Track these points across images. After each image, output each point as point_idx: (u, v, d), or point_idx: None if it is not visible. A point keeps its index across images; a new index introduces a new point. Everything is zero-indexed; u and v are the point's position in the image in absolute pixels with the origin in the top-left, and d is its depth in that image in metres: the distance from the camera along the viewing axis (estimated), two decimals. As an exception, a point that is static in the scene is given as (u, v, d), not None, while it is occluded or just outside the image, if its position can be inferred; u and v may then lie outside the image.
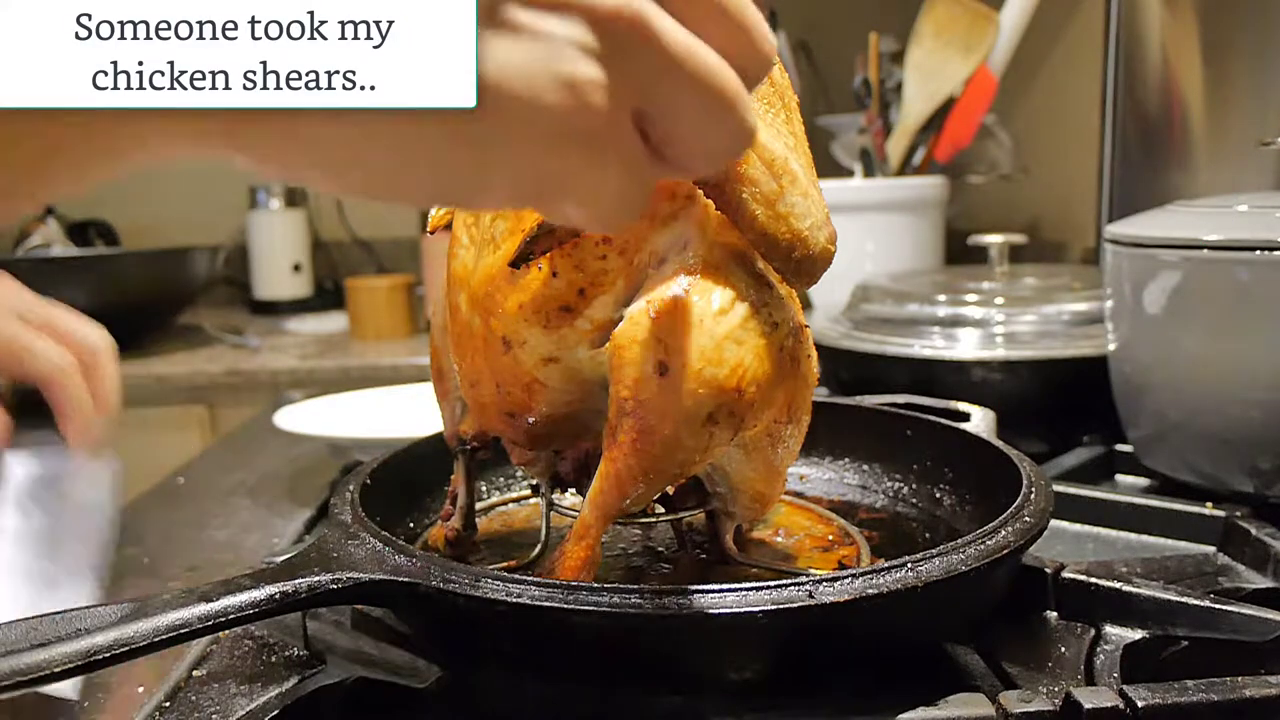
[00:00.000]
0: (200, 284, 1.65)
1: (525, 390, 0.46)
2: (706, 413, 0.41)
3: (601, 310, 0.43)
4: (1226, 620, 0.44)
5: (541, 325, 0.43)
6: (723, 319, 0.42)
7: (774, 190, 0.40)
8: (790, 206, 0.40)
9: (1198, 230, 0.61)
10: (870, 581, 0.38)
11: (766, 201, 0.40)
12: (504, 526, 0.60)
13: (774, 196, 0.40)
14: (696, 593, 0.37)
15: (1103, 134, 1.05)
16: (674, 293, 0.42)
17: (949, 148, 1.22)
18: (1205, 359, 0.62)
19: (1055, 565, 0.48)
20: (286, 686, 0.43)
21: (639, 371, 0.41)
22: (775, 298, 0.44)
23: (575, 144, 0.29)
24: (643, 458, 0.42)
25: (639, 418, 0.41)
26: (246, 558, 0.64)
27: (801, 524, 0.58)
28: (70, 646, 0.33)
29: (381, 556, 0.41)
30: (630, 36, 0.28)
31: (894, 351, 0.83)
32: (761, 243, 0.41)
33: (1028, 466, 0.51)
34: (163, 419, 1.40)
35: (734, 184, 0.40)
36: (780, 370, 0.43)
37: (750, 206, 0.40)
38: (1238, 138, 0.86)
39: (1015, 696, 0.38)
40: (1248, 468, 0.61)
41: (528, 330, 0.44)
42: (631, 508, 0.44)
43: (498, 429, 0.50)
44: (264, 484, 0.80)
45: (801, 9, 1.59)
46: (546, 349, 0.44)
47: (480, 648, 0.42)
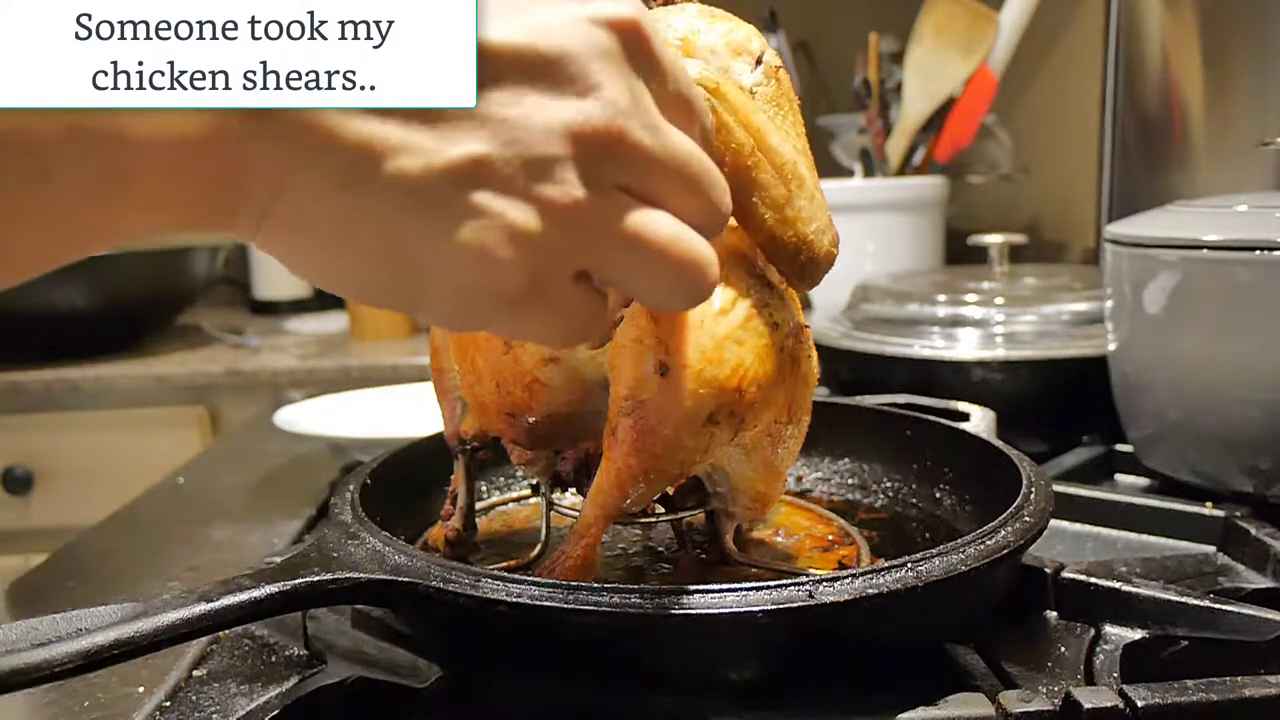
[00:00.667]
0: (200, 284, 1.65)
1: (525, 390, 0.46)
2: (707, 413, 0.41)
3: (602, 310, 0.43)
4: (1226, 620, 0.44)
5: None
6: (723, 319, 0.42)
7: (783, 195, 0.40)
8: (798, 211, 0.41)
9: (1198, 230, 0.61)
10: (870, 581, 0.38)
11: (775, 206, 0.40)
12: (504, 526, 0.60)
13: (783, 201, 0.40)
14: (696, 593, 0.37)
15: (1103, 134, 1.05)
16: None
17: (949, 148, 1.21)
18: (1205, 359, 0.62)
19: (1055, 565, 0.48)
20: (286, 686, 0.43)
21: (639, 371, 0.41)
22: (776, 298, 0.44)
23: (496, 304, 0.29)
24: (643, 457, 0.42)
25: (639, 418, 0.41)
26: (246, 558, 0.63)
27: (801, 524, 0.58)
28: (70, 646, 0.33)
29: (381, 556, 0.41)
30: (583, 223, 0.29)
31: (894, 351, 0.83)
32: (768, 246, 0.41)
33: (1028, 466, 0.51)
34: (163, 419, 1.39)
35: (744, 188, 0.40)
36: (781, 370, 0.43)
37: (759, 211, 0.40)
38: (1238, 138, 0.86)
39: (1015, 696, 0.38)
40: (1248, 468, 0.61)
41: None
42: (632, 508, 0.44)
43: (498, 429, 0.50)
44: (264, 484, 0.80)
45: (801, 9, 1.59)
46: (547, 349, 0.44)
47: (480, 648, 0.42)
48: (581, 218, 0.28)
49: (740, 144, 0.39)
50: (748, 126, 0.39)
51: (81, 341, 1.45)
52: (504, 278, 0.28)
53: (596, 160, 0.28)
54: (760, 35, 0.43)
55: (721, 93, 0.38)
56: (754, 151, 0.39)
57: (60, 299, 1.40)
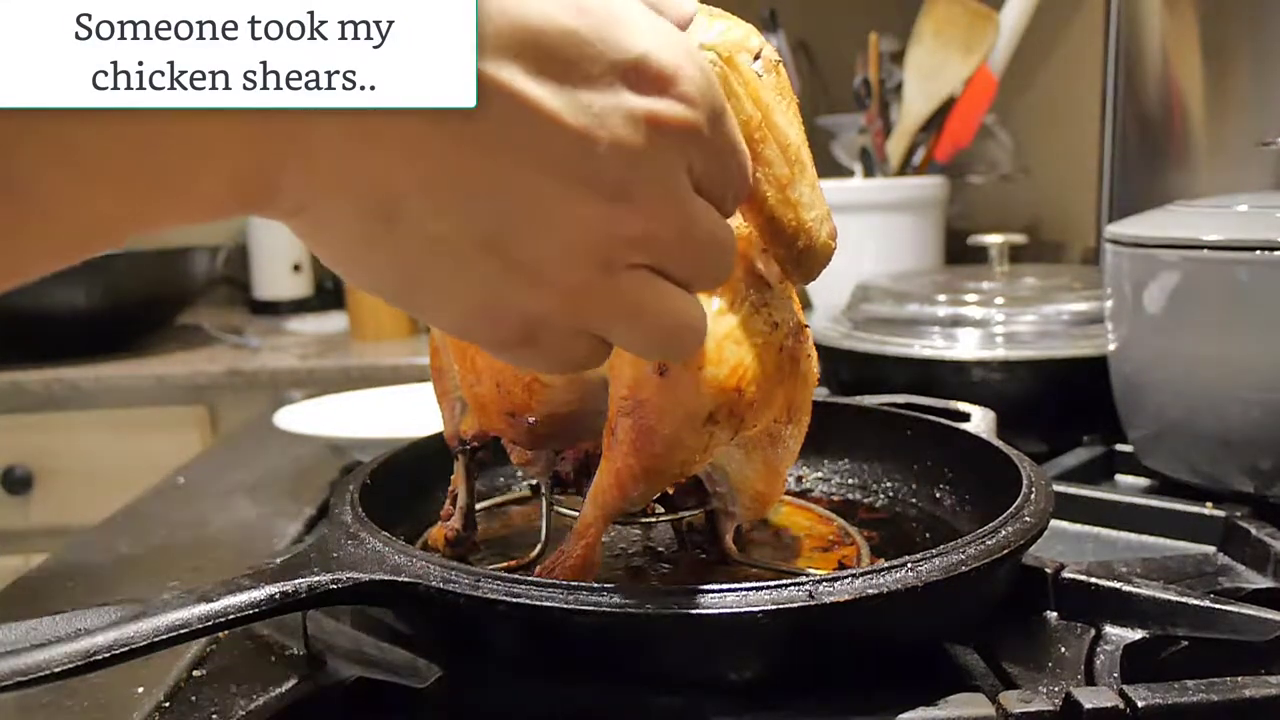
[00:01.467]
0: (200, 284, 1.65)
1: (526, 390, 0.46)
2: (707, 412, 0.41)
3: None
4: (1226, 620, 0.43)
5: None
6: (722, 319, 0.42)
7: (786, 175, 0.40)
8: (799, 195, 0.40)
9: (1198, 230, 0.61)
10: (870, 581, 0.38)
11: (778, 185, 0.40)
12: (504, 526, 0.60)
13: (785, 181, 0.40)
14: (696, 593, 0.37)
15: (1103, 134, 1.05)
16: None
17: (949, 148, 1.21)
18: (1205, 359, 0.62)
19: (1055, 565, 0.48)
20: (286, 686, 0.43)
21: (638, 371, 0.41)
22: (775, 297, 0.44)
23: (492, 345, 0.32)
24: (643, 457, 0.42)
25: (639, 418, 0.41)
26: (246, 558, 0.63)
27: (802, 524, 0.58)
28: (70, 646, 0.33)
29: (381, 556, 0.41)
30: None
31: (894, 351, 0.83)
32: (768, 227, 0.41)
33: (1028, 466, 0.51)
34: (163, 419, 1.40)
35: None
36: (780, 370, 0.43)
37: (762, 187, 0.39)
38: (1238, 138, 0.86)
39: (1015, 696, 0.38)
40: (1248, 468, 0.61)
41: None
42: (632, 507, 0.44)
43: (498, 428, 0.50)
44: (264, 484, 0.80)
45: (801, 9, 1.59)
46: None
47: (480, 648, 0.42)
48: (591, 297, 0.30)
49: (749, 116, 0.38)
50: (756, 101, 0.39)
51: (81, 341, 1.45)
52: (504, 331, 0.31)
53: (619, 254, 0.30)
54: (759, 33, 0.43)
55: (735, 63, 0.38)
56: (761, 126, 0.39)
57: (60, 299, 1.40)
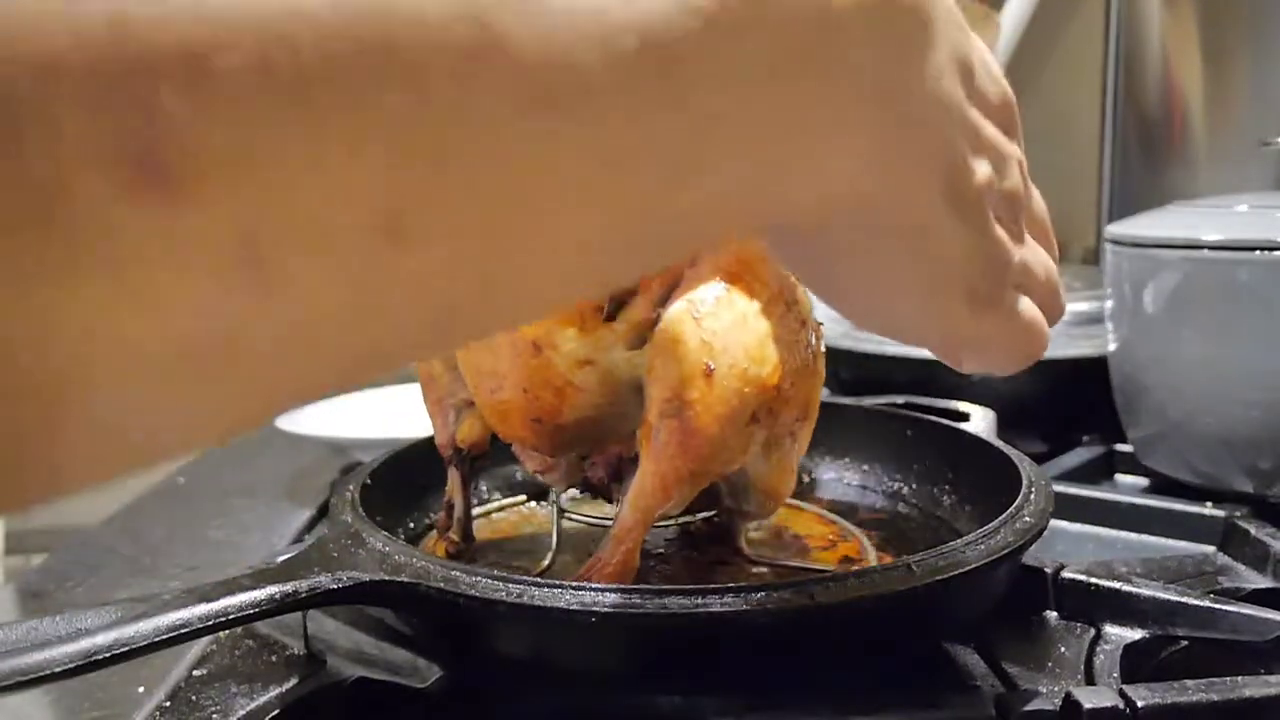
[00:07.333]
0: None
1: (556, 394, 0.45)
2: (750, 411, 0.41)
3: (637, 311, 0.43)
4: (1226, 620, 0.43)
5: (576, 327, 0.43)
6: (763, 317, 0.42)
7: None
8: None
9: (1198, 230, 0.61)
10: (870, 581, 0.38)
11: None
12: (497, 534, 0.60)
13: None
14: (697, 593, 0.37)
15: (1103, 134, 1.05)
16: (715, 292, 0.42)
17: (949, 148, 1.21)
18: (1205, 359, 0.62)
19: (1055, 565, 0.48)
20: (286, 686, 0.43)
21: (684, 371, 0.41)
22: (801, 295, 0.44)
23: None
24: (690, 459, 0.41)
25: (685, 419, 0.41)
26: (246, 558, 0.63)
27: (802, 524, 0.58)
28: (70, 646, 0.33)
29: (382, 557, 0.41)
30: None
31: (894, 351, 0.83)
32: None
33: (1028, 466, 0.51)
34: (163, 419, 1.39)
35: None
36: (806, 367, 0.44)
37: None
38: (1238, 138, 0.86)
39: (1015, 696, 0.38)
40: (1248, 468, 0.61)
41: (560, 333, 0.43)
42: (673, 510, 0.44)
43: (519, 435, 0.49)
44: (264, 484, 0.80)
45: (801, 9, 1.58)
46: (582, 351, 0.44)
47: (480, 648, 0.42)
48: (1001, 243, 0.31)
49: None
50: None
51: (81, 341, 1.44)
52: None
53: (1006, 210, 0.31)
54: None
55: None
56: None
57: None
